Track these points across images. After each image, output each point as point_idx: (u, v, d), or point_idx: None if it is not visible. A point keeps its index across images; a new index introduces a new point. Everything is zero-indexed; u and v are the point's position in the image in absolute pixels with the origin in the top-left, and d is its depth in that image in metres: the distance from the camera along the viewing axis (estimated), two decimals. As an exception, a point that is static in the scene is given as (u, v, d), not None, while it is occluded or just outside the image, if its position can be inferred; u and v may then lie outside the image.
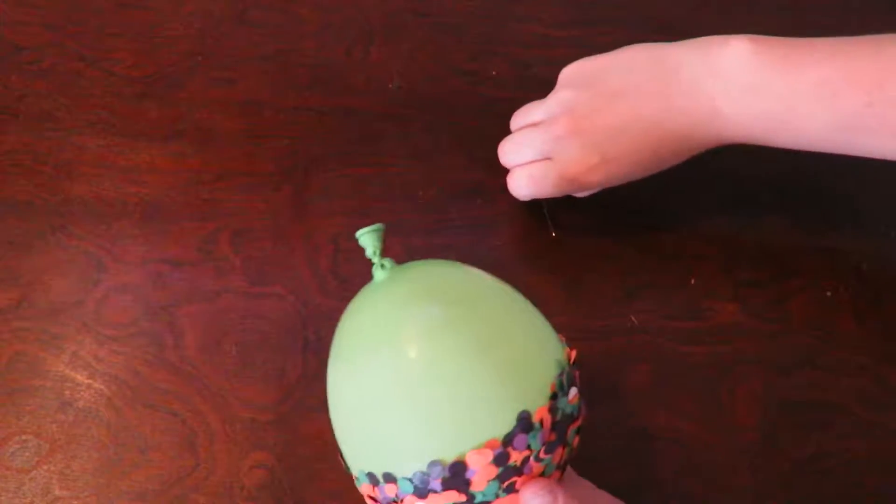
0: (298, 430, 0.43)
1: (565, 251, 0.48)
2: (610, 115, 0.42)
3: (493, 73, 0.52)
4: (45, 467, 0.41)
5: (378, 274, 0.34)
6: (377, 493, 0.32)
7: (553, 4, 0.55)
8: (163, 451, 0.42)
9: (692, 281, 0.48)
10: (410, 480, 0.31)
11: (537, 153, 0.44)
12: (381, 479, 0.32)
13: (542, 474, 0.32)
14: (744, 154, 0.51)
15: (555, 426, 0.32)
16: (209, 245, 0.46)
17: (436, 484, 0.30)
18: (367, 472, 0.32)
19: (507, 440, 0.30)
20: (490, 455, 0.30)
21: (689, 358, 0.46)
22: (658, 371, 0.46)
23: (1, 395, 0.42)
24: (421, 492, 0.31)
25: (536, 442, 0.31)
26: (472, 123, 0.51)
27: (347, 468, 0.35)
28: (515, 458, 0.30)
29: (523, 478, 0.31)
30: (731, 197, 0.50)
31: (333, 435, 0.35)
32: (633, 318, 0.47)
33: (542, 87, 0.46)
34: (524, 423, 0.30)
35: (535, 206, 0.48)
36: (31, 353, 0.43)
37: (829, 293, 0.48)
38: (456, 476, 0.30)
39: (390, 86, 0.51)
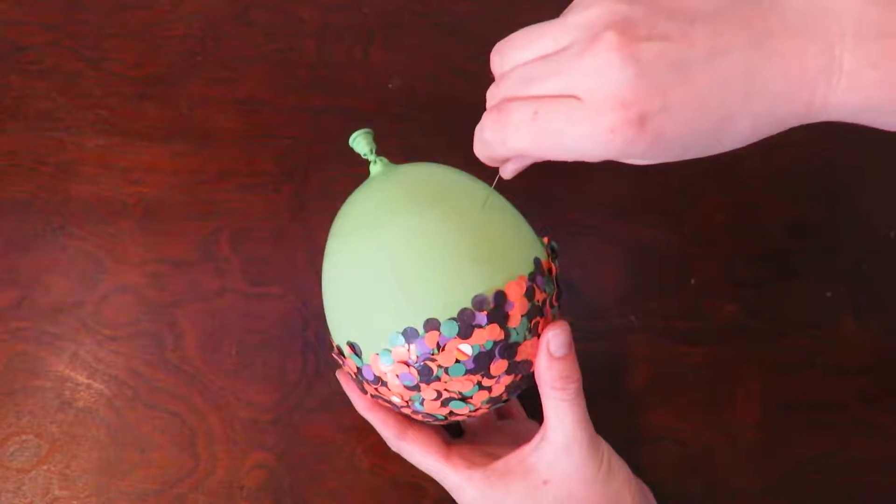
0: (298, 430, 0.43)
1: (564, 251, 0.48)
2: (678, 41, 0.26)
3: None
4: (45, 467, 0.41)
5: (374, 169, 0.37)
6: (413, 352, 0.31)
7: (553, 4, 0.55)
8: (163, 451, 0.42)
9: (692, 281, 0.48)
10: (455, 320, 0.31)
11: (558, 85, 0.27)
12: (422, 330, 0.31)
13: None
14: (744, 153, 0.51)
15: (557, 278, 0.35)
16: (209, 245, 0.46)
17: (481, 317, 0.31)
18: (401, 330, 0.31)
19: (532, 278, 0.33)
20: (524, 286, 0.32)
21: (689, 358, 0.46)
22: (658, 371, 0.46)
23: (1, 395, 0.42)
24: (466, 331, 0.31)
25: (549, 286, 0.34)
26: (472, 123, 0.51)
27: (359, 353, 0.33)
28: (538, 297, 0.33)
29: (544, 320, 0.33)
30: (731, 197, 0.50)
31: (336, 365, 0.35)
32: (633, 318, 0.47)
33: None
34: (539, 265, 0.34)
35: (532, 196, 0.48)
36: (31, 353, 0.43)
37: (829, 293, 0.48)
38: (498, 308, 0.31)
39: (390, 86, 0.51)
